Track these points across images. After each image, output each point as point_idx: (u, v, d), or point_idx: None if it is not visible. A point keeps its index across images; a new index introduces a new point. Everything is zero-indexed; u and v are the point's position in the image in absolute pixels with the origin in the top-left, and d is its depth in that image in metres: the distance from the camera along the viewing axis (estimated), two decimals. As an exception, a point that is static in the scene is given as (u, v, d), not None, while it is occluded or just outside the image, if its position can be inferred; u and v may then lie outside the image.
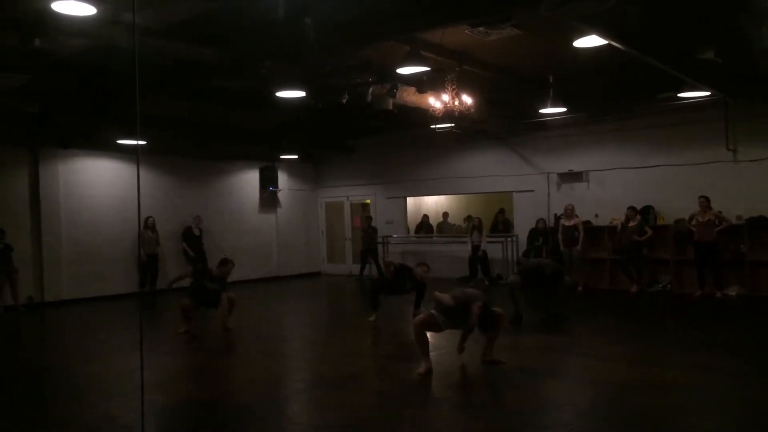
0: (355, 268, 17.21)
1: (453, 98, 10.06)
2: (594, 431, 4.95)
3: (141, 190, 14.49)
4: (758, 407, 5.39)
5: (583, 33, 7.19)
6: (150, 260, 14.19)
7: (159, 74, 8.88)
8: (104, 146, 13.45)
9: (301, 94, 9.26)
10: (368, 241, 16.03)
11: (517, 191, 15.04)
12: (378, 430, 5.09)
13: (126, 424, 5.27)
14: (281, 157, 16.81)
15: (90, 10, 5.75)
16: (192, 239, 14.94)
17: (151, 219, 14.20)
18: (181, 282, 9.65)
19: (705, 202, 11.42)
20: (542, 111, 11.19)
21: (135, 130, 12.39)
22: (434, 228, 17.41)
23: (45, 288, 13.02)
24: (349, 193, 18.15)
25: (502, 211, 15.86)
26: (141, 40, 7.36)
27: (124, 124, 12.14)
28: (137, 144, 12.06)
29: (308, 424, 5.40)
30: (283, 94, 9.22)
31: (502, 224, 15.59)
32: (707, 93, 10.33)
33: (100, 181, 13.97)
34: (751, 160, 11.70)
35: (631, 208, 12.50)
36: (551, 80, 10.43)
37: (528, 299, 9.77)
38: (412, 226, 17.44)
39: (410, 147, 16.24)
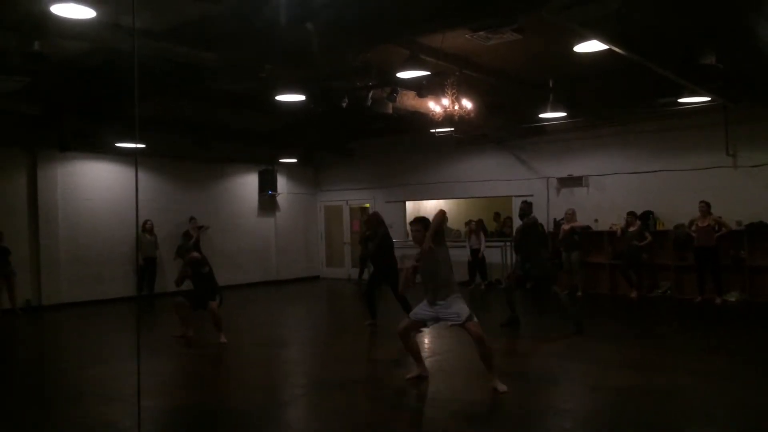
0: (354, 273, 17.17)
1: (453, 102, 10.05)
2: (595, 438, 4.92)
3: (139, 193, 14.51)
4: (760, 413, 5.36)
5: (584, 38, 7.18)
6: (148, 263, 14.15)
7: (159, 77, 8.86)
8: (103, 149, 13.42)
9: (301, 97, 9.24)
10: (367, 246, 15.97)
11: (516, 196, 15.00)
12: (378, 436, 5.06)
13: (125, 429, 5.23)
14: (280, 160, 16.79)
15: (89, 13, 5.72)
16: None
17: (149, 222, 14.16)
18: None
19: (705, 207, 11.40)
20: (542, 115, 11.18)
21: (134, 132, 12.40)
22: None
23: (43, 291, 12.97)
24: (348, 197, 18.12)
25: (508, 217, 15.81)
26: (141, 43, 7.37)
27: (124, 126, 12.12)
28: (135, 147, 12.03)
29: (307, 429, 5.37)
30: (283, 97, 9.21)
31: (510, 228, 15.49)
32: (707, 98, 10.32)
33: (99, 185, 13.93)
34: (751, 166, 11.68)
35: (631, 214, 12.47)
36: (551, 84, 10.42)
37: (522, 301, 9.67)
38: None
39: (410, 151, 16.22)
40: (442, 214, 6.09)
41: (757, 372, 6.69)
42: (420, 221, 6.28)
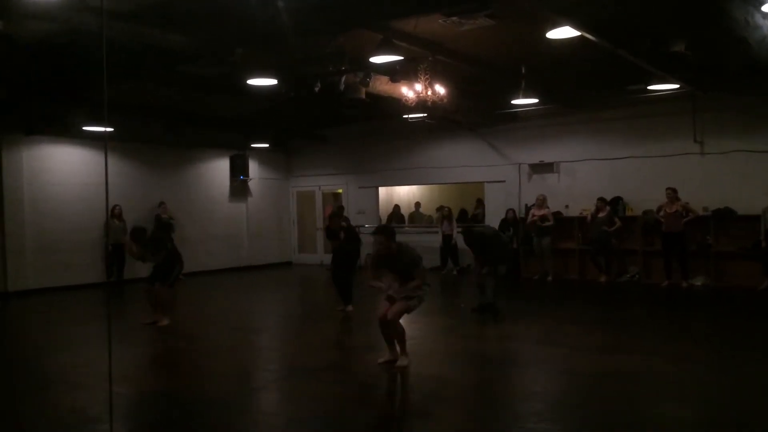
0: (327, 258, 17.11)
1: (426, 88, 10.03)
2: (565, 420, 4.99)
3: (108, 178, 14.21)
4: (726, 394, 5.49)
5: (556, 24, 7.19)
6: (116, 249, 13.95)
7: (127, 59, 8.68)
8: (70, 133, 13.13)
9: (272, 81, 9.13)
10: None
11: (488, 182, 15.09)
12: (348, 422, 5.06)
13: (94, 416, 5.17)
14: (252, 145, 16.62)
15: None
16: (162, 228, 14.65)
17: (117, 207, 13.94)
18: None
19: (672, 193, 11.60)
20: (514, 102, 11.22)
21: (102, 116, 12.16)
22: (406, 218, 17.39)
23: (9, 278, 12.71)
24: (320, 183, 18.05)
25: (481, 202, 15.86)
26: (108, 24, 7.21)
27: (91, 110, 11.88)
28: (105, 131, 11.80)
29: (279, 415, 5.36)
30: (254, 81, 9.09)
31: (483, 215, 15.57)
32: (676, 86, 10.46)
33: (66, 169, 13.64)
34: (717, 153, 11.87)
35: (601, 199, 12.63)
36: (523, 71, 10.44)
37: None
38: (384, 216, 17.41)
39: (383, 137, 16.17)
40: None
41: (725, 355, 6.84)
42: (383, 232, 6.42)
